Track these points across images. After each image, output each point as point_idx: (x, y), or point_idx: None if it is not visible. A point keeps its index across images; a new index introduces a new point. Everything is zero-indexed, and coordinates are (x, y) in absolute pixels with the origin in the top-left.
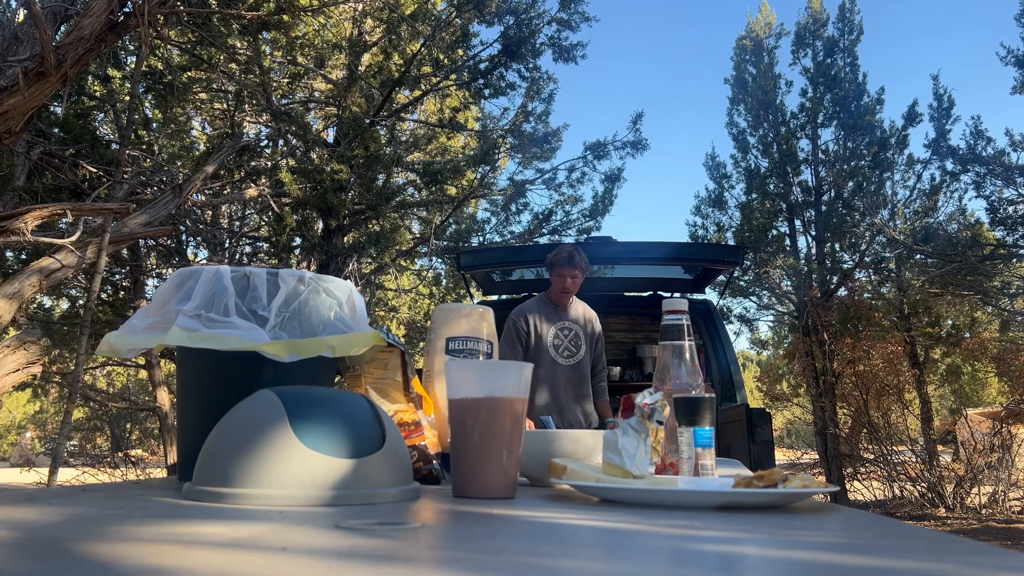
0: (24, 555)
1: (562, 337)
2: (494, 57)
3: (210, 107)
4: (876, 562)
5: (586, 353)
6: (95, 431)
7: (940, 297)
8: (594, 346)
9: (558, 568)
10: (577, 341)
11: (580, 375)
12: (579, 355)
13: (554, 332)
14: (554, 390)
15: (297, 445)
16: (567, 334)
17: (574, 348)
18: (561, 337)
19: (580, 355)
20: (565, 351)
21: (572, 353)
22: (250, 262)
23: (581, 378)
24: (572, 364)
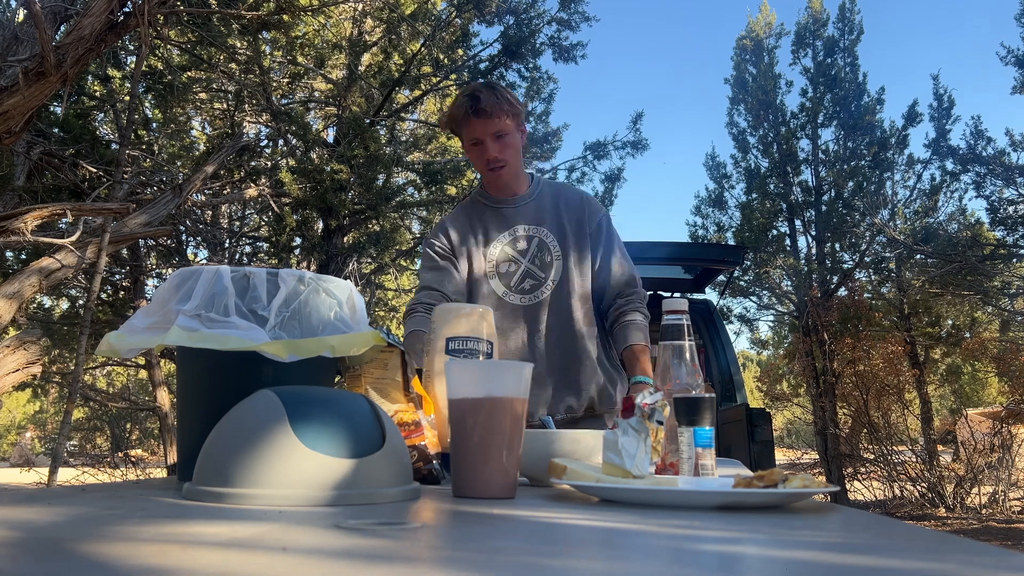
0: (24, 555)
1: (514, 254)
2: (494, 57)
3: (210, 107)
4: (876, 562)
5: (570, 275)
6: (95, 431)
7: (940, 297)
8: (592, 256)
9: (558, 568)
10: (544, 256)
11: (563, 322)
12: (549, 283)
13: (499, 249)
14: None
15: (297, 445)
16: (523, 248)
17: (540, 271)
18: (512, 255)
19: (551, 282)
20: (522, 280)
21: (537, 282)
22: (250, 262)
23: (566, 328)
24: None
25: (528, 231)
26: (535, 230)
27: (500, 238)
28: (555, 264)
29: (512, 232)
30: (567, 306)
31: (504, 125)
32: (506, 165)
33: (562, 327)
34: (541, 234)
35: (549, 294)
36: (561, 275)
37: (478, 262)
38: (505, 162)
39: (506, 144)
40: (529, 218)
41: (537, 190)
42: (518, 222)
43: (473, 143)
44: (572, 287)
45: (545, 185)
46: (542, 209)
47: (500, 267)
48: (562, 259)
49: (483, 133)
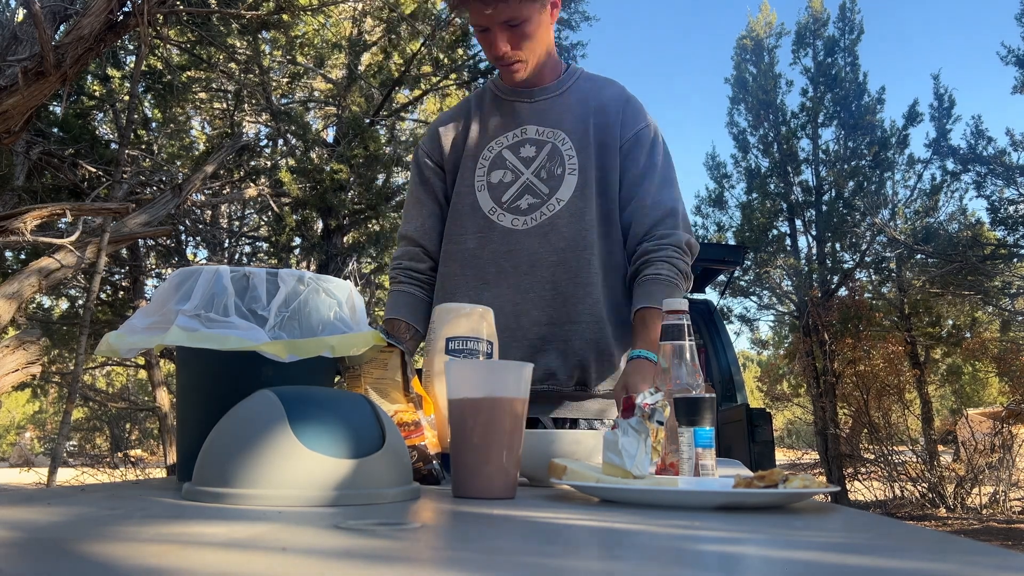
0: (24, 555)
1: (515, 162)
2: None
3: (210, 107)
4: (877, 562)
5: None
6: (94, 431)
7: (941, 297)
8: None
9: (558, 568)
10: (555, 168)
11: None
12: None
13: (496, 153)
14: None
15: (297, 445)
16: (529, 155)
17: (544, 187)
18: (513, 162)
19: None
20: (520, 196)
21: (539, 200)
22: (250, 262)
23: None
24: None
25: (540, 134)
26: (550, 134)
27: (501, 139)
28: (567, 179)
29: (519, 133)
30: (576, 236)
31: (517, 11)
32: (522, 62)
33: (563, 265)
34: (556, 139)
35: (551, 216)
36: (573, 194)
37: (467, 169)
38: (520, 59)
39: (523, 35)
40: (545, 118)
41: (568, 83)
42: (529, 121)
43: (479, 29)
44: (588, 212)
45: (582, 79)
46: (566, 108)
47: (493, 176)
48: (578, 173)
49: (489, 20)
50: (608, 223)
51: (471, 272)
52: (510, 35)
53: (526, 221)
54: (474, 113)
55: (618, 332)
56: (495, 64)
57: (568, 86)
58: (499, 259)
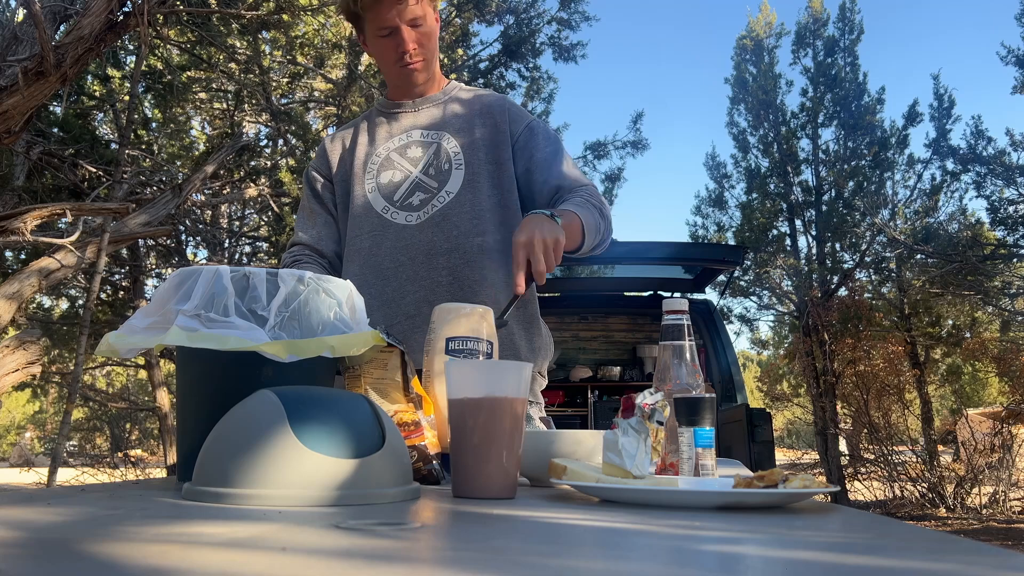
0: (24, 555)
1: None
2: (494, 57)
3: (210, 107)
4: (877, 562)
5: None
6: (95, 431)
7: (940, 297)
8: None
9: (558, 568)
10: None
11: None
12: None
13: (384, 158)
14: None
15: (297, 445)
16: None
17: (433, 181)
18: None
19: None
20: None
21: (428, 194)
22: (249, 262)
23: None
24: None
25: (425, 136)
26: (434, 135)
27: (387, 144)
28: (454, 173)
29: (404, 137)
30: (468, 225)
31: (421, 9)
32: (424, 60)
33: (458, 251)
34: (441, 139)
35: (442, 208)
36: (461, 186)
37: (358, 177)
38: (423, 57)
39: (424, 34)
40: (429, 123)
41: (450, 93)
42: (413, 127)
43: (383, 33)
44: (478, 203)
45: (461, 90)
46: (449, 112)
47: (382, 177)
48: (464, 167)
49: (396, 19)
50: (504, 210)
51: (369, 270)
52: (416, 33)
53: (419, 216)
54: (361, 129)
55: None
56: (395, 67)
57: (449, 95)
58: (396, 254)
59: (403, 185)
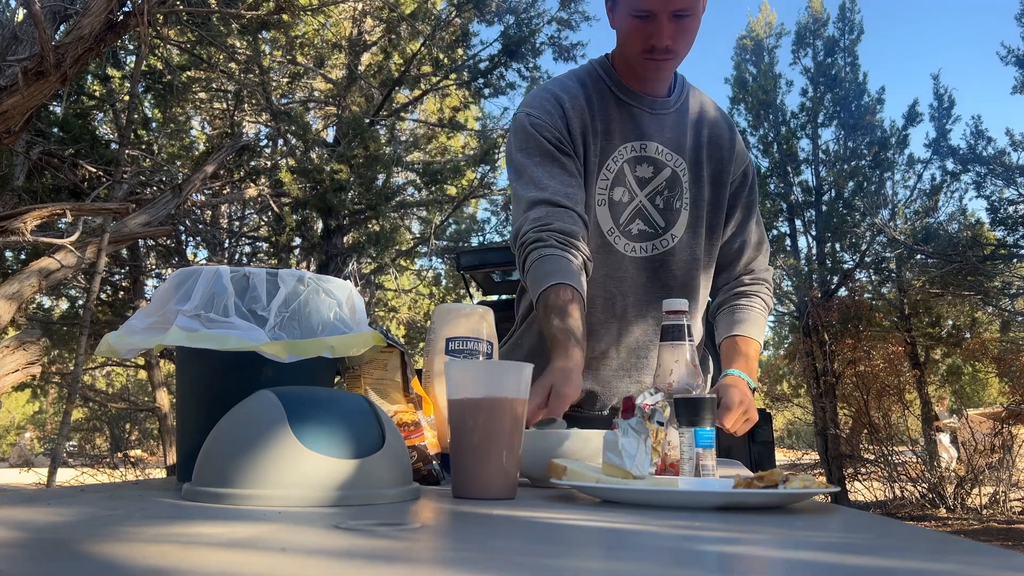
0: (23, 556)
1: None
2: (494, 57)
3: (209, 107)
4: (877, 562)
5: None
6: (94, 431)
7: (940, 297)
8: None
9: (558, 568)
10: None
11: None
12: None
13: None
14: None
15: (296, 446)
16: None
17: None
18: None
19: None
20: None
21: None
22: (249, 262)
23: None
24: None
25: (661, 153)
26: (670, 156)
27: (623, 150)
28: (682, 215)
29: (639, 148)
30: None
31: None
32: (674, 58)
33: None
34: (677, 166)
35: (663, 252)
36: (685, 231)
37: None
38: (676, 53)
39: (685, 29)
40: (667, 137)
41: (682, 96)
42: (652, 136)
43: (639, 14)
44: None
45: (690, 92)
46: (683, 129)
47: (614, 193)
48: (690, 208)
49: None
50: (709, 259)
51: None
52: (675, 27)
53: (635, 249)
54: (595, 106)
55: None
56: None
57: (683, 99)
58: (608, 284)
59: (628, 208)
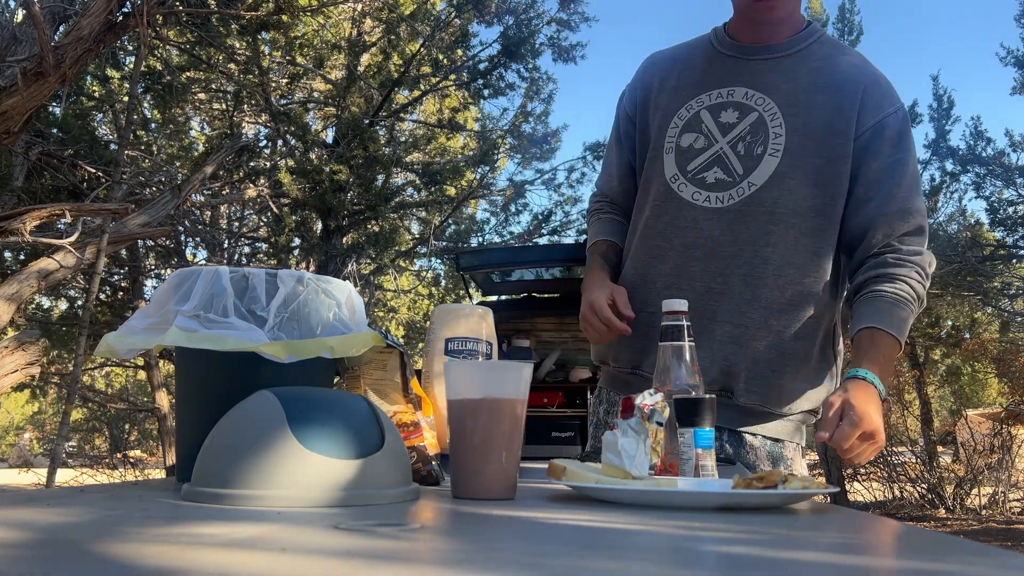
0: (23, 556)
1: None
2: (494, 57)
3: (209, 107)
4: (876, 563)
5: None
6: (94, 432)
7: (940, 298)
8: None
9: (558, 568)
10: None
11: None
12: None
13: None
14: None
15: (296, 446)
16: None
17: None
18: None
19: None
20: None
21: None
22: (249, 262)
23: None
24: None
25: (749, 98)
26: (760, 100)
27: (703, 97)
28: (766, 160)
29: (725, 94)
30: (762, 227)
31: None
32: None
33: (739, 258)
34: (765, 109)
35: (739, 201)
36: (769, 180)
37: (659, 127)
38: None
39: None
40: (762, 81)
41: (801, 45)
42: (739, 81)
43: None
44: (783, 204)
45: (819, 43)
46: (788, 73)
47: (684, 139)
48: (781, 155)
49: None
50: (823, 219)
51: (643, 246)
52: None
53: (708, 198)
54: (684, 60)
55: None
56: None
57: (800, 48)
58: (671, 235)
59: (703, 155)
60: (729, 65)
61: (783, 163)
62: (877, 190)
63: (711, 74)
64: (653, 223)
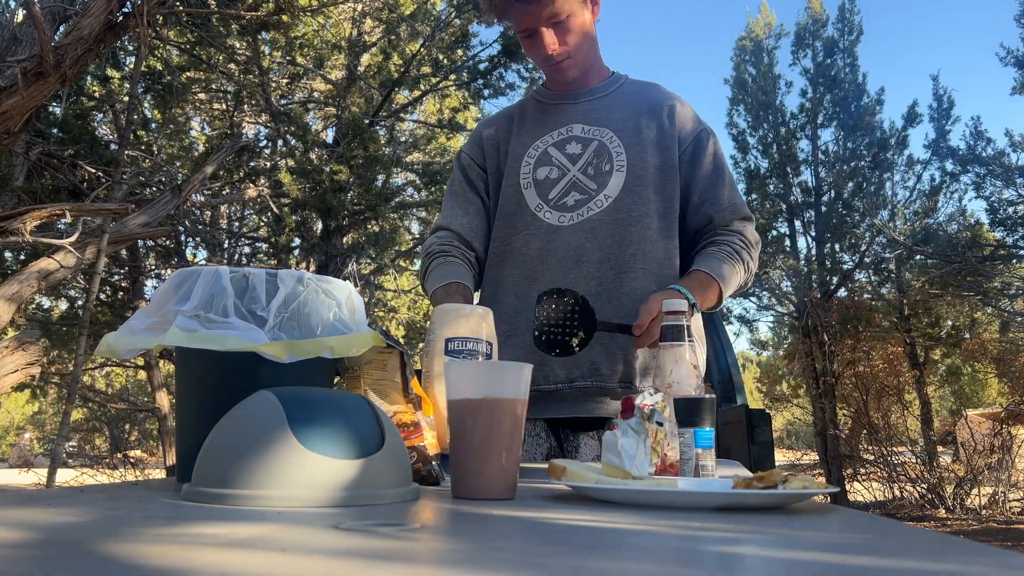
0: (23, 556)
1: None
2: (494, 57)
3: (209, 107)
4: (876, 563)
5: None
6: (94, 432)
7: (940, 298)
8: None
9: (558, 568)
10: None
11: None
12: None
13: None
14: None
15: (296, 446)
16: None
17: (591, 182)
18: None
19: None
20: (566, 193)
21: (586, 196)
22: (249, 263)
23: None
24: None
25: (587, 132)
26: (596, 131)
27: (546, 137)
28: (615, 175)
29: (564, 132)
30: (623, 233)
31: (561, 6)
32: (571, 58)
33: (609, 261)
34: (603, 136)
35: (599, 212)
36: (621, 191)
37: (512, 169)
38: (569, 54)
39: (568, 30)
40: (592, 117)
41: (615, 86)
42: (575, 120)
43: (524, 35)
44: (637, 209)
45: (629, 83)
46: (613, 107)
47: (539, 172)
48: (627, 170)
49: (534, 21)
50: (664, 221)
51: (518, 271)
52: (556, 32)
53: (572, 217)
54: (517, 117)
55: None
56: (545, 66)
57: (614, 88)
58: (545, 256)
59: (560, 183)
60: (560, 110)
61: (629, 176)
62: (709, 194)
63: (548, 119)
64: (526, 250)
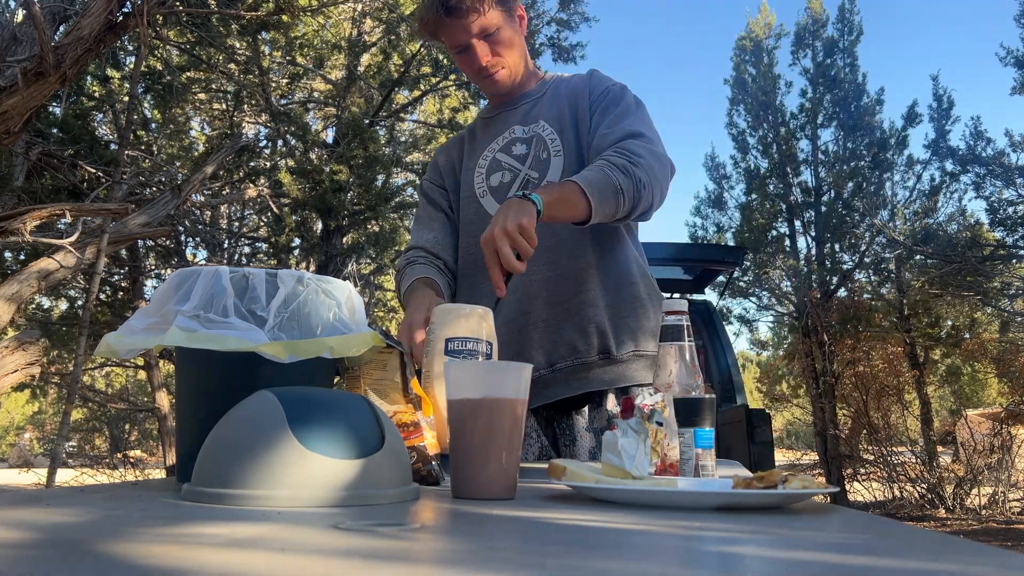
0: (23, 556)
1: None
2: None
3: (209, 107)
4: (876, 563)
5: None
6: (94, 432)
7: (940, 298)
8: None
9: (558, 568)
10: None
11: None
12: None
13: (491, 159)
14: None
15: (296, 446)
16: (522, 153)
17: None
18: (508, 163)
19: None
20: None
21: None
22: (249, 262)
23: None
24: None
25: (525, 131)
26: (533, 127)
27: (492, 145)
28: (553, 161)
29: (508, 135)
30: None
31: (490, 20)
32: (505, 68)
33: (562, 246)
34: (539, 129)
35: None
36: (562, 173)
37: (467, 182)
38: (502, 65)
39: (499, 41)
40: (528, 116)
41: (548, 86)
42: (515, 123)
43: (457, 51)
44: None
45: (559, 79)
46: (545, 103)
47: (492, 179)
48: (563, 154)
49: (465, 36)
50: None
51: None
52: (488, 45)
53: None
54: (467, 138)
55: (627, 293)
56: (479, 79)
57: (548, 88)
58: None
59: (514, 185)
60: (502, 118)
61: (566, 159)
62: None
63: (493, 130)
64: None
